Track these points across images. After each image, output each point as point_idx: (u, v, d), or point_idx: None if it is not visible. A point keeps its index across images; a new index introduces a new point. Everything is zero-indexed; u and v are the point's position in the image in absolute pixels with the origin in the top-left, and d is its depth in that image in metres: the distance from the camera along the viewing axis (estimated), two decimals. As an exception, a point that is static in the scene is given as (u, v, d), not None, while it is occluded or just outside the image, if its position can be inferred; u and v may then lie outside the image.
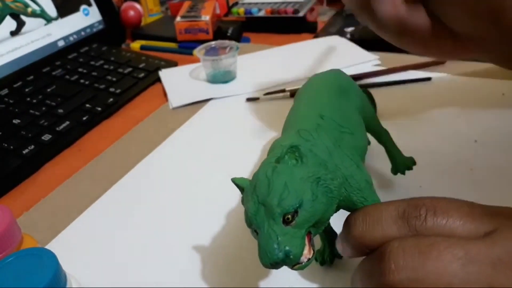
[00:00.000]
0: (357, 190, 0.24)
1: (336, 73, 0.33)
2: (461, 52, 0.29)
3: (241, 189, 0.24)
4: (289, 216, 0.21)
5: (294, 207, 0.21)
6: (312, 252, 0.22)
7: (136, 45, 0.77)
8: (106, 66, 0.65)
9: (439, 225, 0.21)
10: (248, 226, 0.23)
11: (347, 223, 0.24)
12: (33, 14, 0.64)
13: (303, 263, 0.22)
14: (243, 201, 0.24)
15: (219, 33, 0.75)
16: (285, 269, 0.30)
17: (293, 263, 0.21)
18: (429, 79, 0.53)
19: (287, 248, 0.21)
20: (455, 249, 0.20)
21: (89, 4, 0.73)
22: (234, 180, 0.25)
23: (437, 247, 0.20)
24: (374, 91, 0.46)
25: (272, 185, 0.22)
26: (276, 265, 0.21)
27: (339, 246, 0.25)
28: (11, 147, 0.47)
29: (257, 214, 0.22)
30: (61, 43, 0.67)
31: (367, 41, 0.65)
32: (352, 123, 0.28)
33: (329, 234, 0.30)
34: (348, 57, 0.63)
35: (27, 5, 0.63)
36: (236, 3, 0.83)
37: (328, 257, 0.30)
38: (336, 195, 0.23)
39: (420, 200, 0.23)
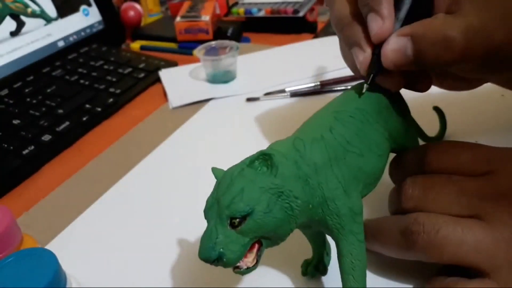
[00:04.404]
0: (335, 216, 0.24)
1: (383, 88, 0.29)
2: (466, 88, 0.36)
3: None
4: (236, 221, 0.21)
5: (242, 213, 0.21)
6: (255, 262, 0.22)
7: (136, 45, 0.77)
8: (106, 67, 0.65)
9: (446, 164, 0.28)
10: (204, 216, 0.23)
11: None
12: (33, 15, 0.64)
13: (241, 269, 0.22)
14: None
15: (219, 33, 0.75)
16: (285, 269, 0.29)
17: (226, 266, 0.21)
18: (429, 79, 0.53)
19: (221, 250, 0.21)
20: (453, 184, 0.26)
21: (89, 5, 0.73)
22: (213, 170, 0.25)
23: (439, 182, 0.26)
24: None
25: (231, 186, 0.22)
26: (209, 262, 0.21)
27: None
28: (11, 147, 0.47)
29: (211, 209, 0.22)
30: (61, 44, 0.67)
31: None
32: (367, 144, 0.26)
33: (318, 248, 0.30)
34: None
35: (27, 6, 0.63)
36: (236, 3, 0.83)
37: (310, 270, 0.30)
38: (297, 214, 0.23)
39: (433, 146, 0.29)
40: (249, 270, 0.22)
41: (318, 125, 0.26)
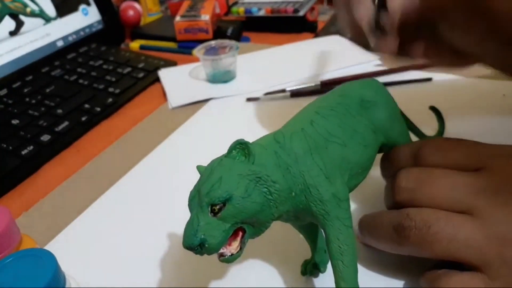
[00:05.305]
0: (318, 201, 0.24)
1: (366, 85, 0.31)
2: (462, 64, 0.34)
3: None
4: (216, 207, 0.22)
5: (221, 199, 0.22)
6: (239, 249, 0.23)
7: (135, 44, 0.77)
8: (105, 66, 0.65)
9: (440, 159, 0.28)
10: (188, 208, 0.24)
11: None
12: (32, 14, 0.64)
13: (226, 256, 0.22)
14: None
15: (219, 33, 0.75)
16: (285, 269, 0.29)
17: (210, 252, 0.22)
18: (429, 79, 0.53)
19: (202, 236, 0.22)
20: (446, 178, 0.26)
21: (88, 4, 0.73)
22: (197, 167, 0.25)
23: (433, 175, 0.27)
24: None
25: (210, 175, 0.23)
26: (192, 250, 0.22)
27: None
28: (10, 147, 0.47)
29: (193, 199, 0.23)
30: (60, 43, 0.67)
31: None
32: (350, 135, 0.27)
33: (313, 244, 0.30)
34: (349, 57, 0.62)
35: (26, 5, 0.63)
36: (236, 3, 0.83)
37: (309, 268, 0.30)
38: (276, 199, 0.23)
39: (427, 142, 0.29)
40: (233, 257, 0.23)
41: (299, 120, 0.27)
